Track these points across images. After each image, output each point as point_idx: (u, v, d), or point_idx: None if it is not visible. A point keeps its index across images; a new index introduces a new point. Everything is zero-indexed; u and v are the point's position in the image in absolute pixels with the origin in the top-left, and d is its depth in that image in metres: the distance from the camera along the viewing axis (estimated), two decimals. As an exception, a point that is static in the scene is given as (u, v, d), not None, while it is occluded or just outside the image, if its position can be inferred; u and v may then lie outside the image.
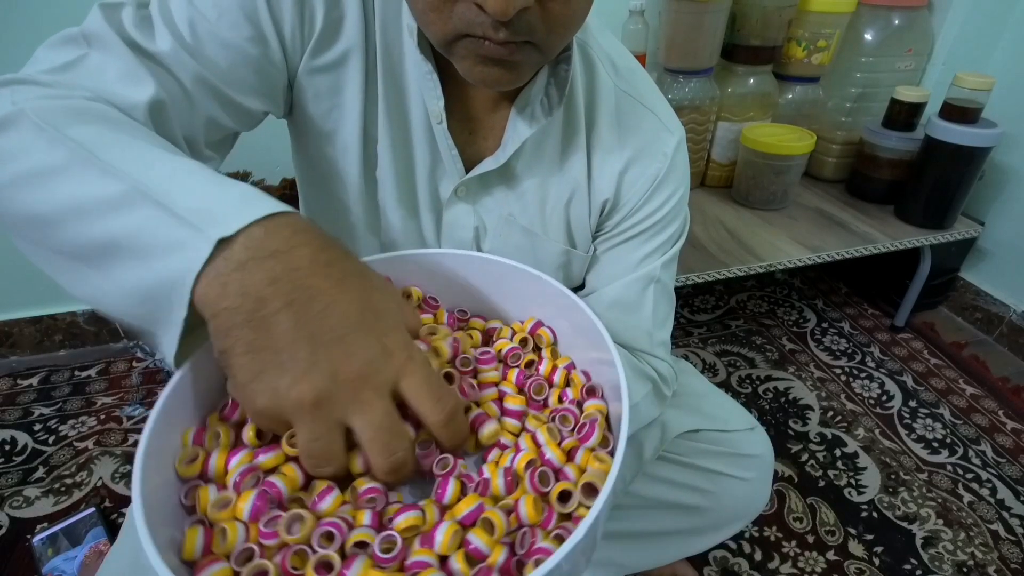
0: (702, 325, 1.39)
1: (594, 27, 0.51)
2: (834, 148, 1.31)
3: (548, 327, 0.41)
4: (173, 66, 0.38)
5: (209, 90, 0.40)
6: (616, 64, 0.51)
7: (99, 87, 0.35)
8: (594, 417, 0.34)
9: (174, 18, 0.38)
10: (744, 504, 0.68)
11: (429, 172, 0.49)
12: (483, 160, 0.48)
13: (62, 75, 0.35)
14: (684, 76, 1.14)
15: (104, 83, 0.35)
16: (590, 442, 0.33)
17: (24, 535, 0.87)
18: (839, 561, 0.88)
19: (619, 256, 0.54)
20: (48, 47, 0.37)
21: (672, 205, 0.52)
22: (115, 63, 0.36)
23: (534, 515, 0.30)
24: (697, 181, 1.30)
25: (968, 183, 1.13)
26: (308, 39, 0.43)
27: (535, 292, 0.40)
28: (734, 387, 1.20)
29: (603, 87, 0.50)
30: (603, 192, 0.52)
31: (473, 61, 0.37)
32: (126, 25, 0.37)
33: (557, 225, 0.53)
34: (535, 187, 0.51)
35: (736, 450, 0.65)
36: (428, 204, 0.51)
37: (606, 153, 0.50)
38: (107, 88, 0.35)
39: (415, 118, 0.47)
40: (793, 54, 1.19)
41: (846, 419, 1.13)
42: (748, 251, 1.07)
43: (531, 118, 0.46)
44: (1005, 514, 0.96)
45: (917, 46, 1.21)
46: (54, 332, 1.21)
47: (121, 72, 0.36)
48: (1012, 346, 1.31)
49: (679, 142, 0.52)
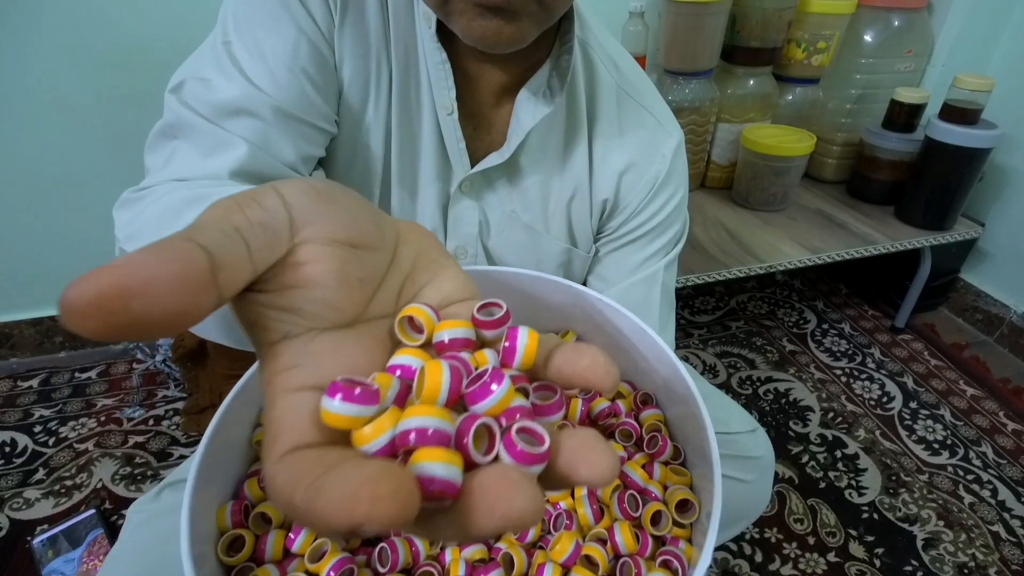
0: (702, 326, 1.39)
1: (595, 27, 0.51)
2: (834, 149, 1.31)
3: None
4: (250, 106, 0.40)
5: (288, 117, 0.41)
6: (617, 64, 0.51)
7: (188, 173, 0.39)
8: (656, 427, 0.32)
9: (238, 59, 0.40)
10: (745, 506, 0.67)
11: (435, 167, 0.49)
12: (488, 155, 0.48)
13: (161, 175, 0.39)
14: (684, 77, 1.14)
15: (192, 169, 0.39)
16: (664, 455, 0.31)
17: (24, 537, 0.87)
18: (840, 563, 0.88)
19: (621, 258, 0.54)
20: (148, 151, 0.42)
21: (672, 208, 0.52)
22: (196, 145, 0.40)
23: (632, 544, 0.28)
24: (697, 182, 1.30)
25: (968, 184, 1.13)
26: (335, 20, 0.43)
27: (572, 304, 0.37)
28: (734, 388, 1.20)
29: (604, 84, 0.50)
30: (603, 191, 0.52)
31: (471, 15, 0.37)
32: (197, 97, 0.40)
33: (559, 223, 0.53)
34: (538, 184, 0.51)
35: (737, 452, 0.64)
36: (434, 199, 0.51)
37: (607, 150, 0.51)
38: (194, 172, 0.39)
39: (425, 112, 0.47)
40: (793, 55, 1.19)
41: (847, 420, 1.13)
42: (748, 252, 1.07)
43: (534, 109, 0.46)
44: (1006, 515, 0.96)
45: (917, 47, 1.21)
46: (54, 334, 1.21)
47: (202, 152, 0.39)
48: (1013, 347, 1.31)
49: (678, 144, 0.52)
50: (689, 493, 0.29)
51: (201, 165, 0.39)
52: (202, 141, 0.39)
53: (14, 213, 1.07)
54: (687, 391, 0.30)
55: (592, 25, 0.51)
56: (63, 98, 0.98)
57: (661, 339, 0.33)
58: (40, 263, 1.13)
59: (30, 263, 1.13)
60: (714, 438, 0.28)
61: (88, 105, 1.00)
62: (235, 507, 0.29)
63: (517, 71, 0.46)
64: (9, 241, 1.09)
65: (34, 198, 1.06)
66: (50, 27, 0.92)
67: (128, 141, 1.02)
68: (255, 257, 0.17)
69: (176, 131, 0.40)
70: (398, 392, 0.18)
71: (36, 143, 1.01)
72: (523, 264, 0.55)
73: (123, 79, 0.99)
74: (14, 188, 1.04)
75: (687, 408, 0.31)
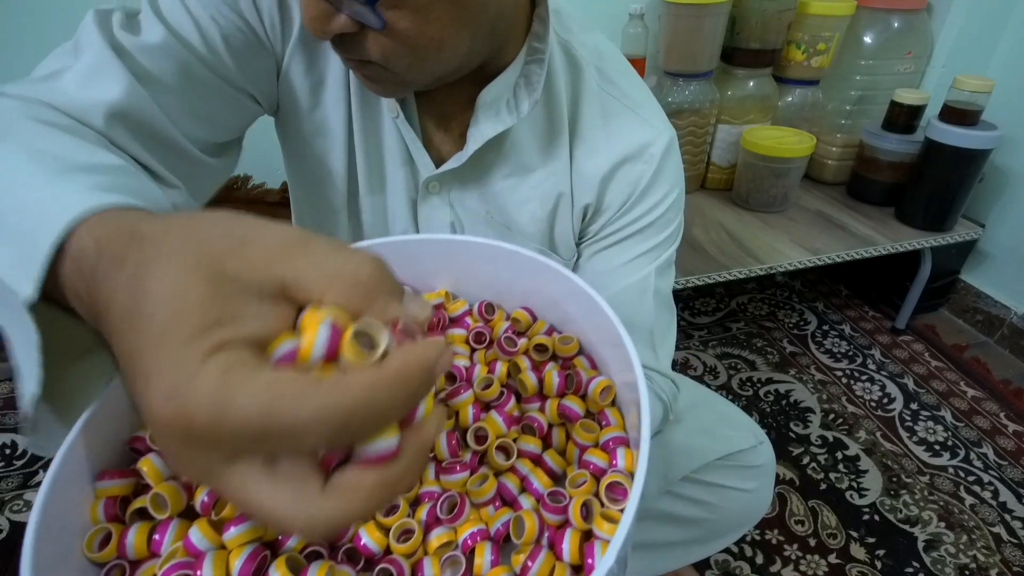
0: (702, 328, 1.39)
1: (578, 27, 0.50)
2: (834, 151, 1.31)
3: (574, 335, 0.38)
4: (163, 57, 0.38)
5: (200, 79, 0.40)
6: (601, 65, 0.49)
7: (57, 97, 0.34)
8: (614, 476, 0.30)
9: (162, 10, 0.38)
10: (746, 513, 0.67)
11: (403, 164, 0.49)
12: (453, 156, 0.47)
13: (35, 86, 0.34)
14: (684, 79, 1.14)
15: (66, 97, 0.34)
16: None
17: (24, 539, 0.87)
18: (841, 564, 0.88)
19: (606, 259, 0.52)
20: (51, 57, 0.37)
21: (664, 209, 0.50)
22: (82, 69, 0.35)
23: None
24: (697, 184, 1.30)
25: (968, 185, 1.14)
26: (289, 34, 0.43)
27: (558, 289, 0.37)
28: (735, 390, 1.20)
29: (587, 86, 0.49)
30: (585, 196, 0.50)
31: (354, 67, 0.38)
32: (114, 28, 0.37)
33: (538, 228, 0.51)
34: (513, 187, 0.50)
35: (740, 463, 0.63)
36: (403, 196, 0.50)
37: (590, 154, 0.49)
38: (66, 95, 0.34)
39: (386, 111, 0.47)
40: (793, 57, 1.19)
41: (847, 422, 1.13)
42: (748, 253, 1.07)
43: (495, 117, 0.45)
44: (1007, 517, 0.95)
45: (916, 49, 1.22)
46: (55, 336, 1.21)
47: (82, 78, 0.35)
48: (1013, 348, 1.31)
49: (667, 144, 0.49)
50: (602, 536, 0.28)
51: (74, 94, 0.34)
52: (89, 66, 0.35)
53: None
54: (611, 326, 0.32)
55: (575, 25, 0.49)
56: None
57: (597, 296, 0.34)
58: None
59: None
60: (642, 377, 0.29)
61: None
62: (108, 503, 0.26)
63: (475, 80, 0.44)
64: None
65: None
66: (51, 28, 0.92)
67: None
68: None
69: (80, 51, 0.36)
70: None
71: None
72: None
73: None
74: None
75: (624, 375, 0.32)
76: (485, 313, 0.39)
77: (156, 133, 0.38)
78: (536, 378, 0.36)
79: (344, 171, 0.49)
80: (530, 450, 0.33)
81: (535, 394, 0.36)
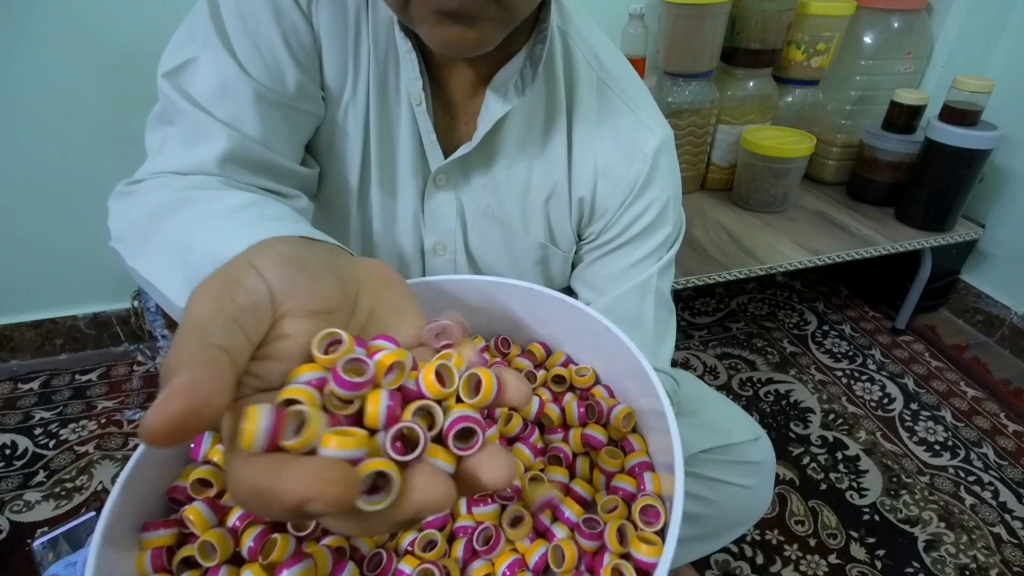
0: (702, 328, 1.39)
1: (580, 23, 0.50)
2: (834, 151, 1.31)
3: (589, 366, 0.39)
4: (234, 90, 0.41)
5: (271, 101, 0.42)
6: (599, 56, 0.49)
7: (176, 166, 0.40)
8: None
9: (227, 34, 0.41)
10: (746, 511, 0.67)
11: (413, 158, 0.49)
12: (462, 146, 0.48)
13: (154, 163, 0.41)
14: (684, 79, 1.14)
15: (178, 161, 0.40)
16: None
17: (24, 539, 0.87)
18: (841, 564, 0.88)
19: (608, 264, 0.52)
20: (147, 132, 0.43)
21: (659, 210, 0.50)
22: (182, 133, 0.40)
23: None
24: (697, 184, 1.30)
25: (968, 185, 1.14)
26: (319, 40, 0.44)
27: (572, 322, 0.38)
28: (735, 390, 1.20)
29: (583, 75, 0.49)
30: (581, 188, 0.50)
31: (432, 22, 0.36)
32: (186, 80, 0.40)
33: (537, 219, 0.52)
34: (516, 177, 0.50)
35: (738, 458, 0.63)
36: (413, 191, 0.50)
37: (586, 144, 0.49)
38: (181, 164, 0.40)
39: (403, 102, 0.47)
40: (793, 57, 1.19)
41: (847, 422, 1.13)
42: (748, 254, 1.07)
43: (504, 99, 0.45)
44: (1007, 517, 0.95)
45: (916, 49, 1.22)
46: (55, 336, 1.21)
47: (185, 142, 0.40)
48: (1013, 348, 1.31)
49: (662, 143, 0.49)
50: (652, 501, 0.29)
51: (184, 156, 0.40)
52: (187, 129, 0.40)
53: (15, 216, 1.07)
54: (645, 380, 0.32)
55: (574, 16, 0.50)
56: (64, 101, 0.98)
57: (635, 347, 0.34)
58: (41, 266, 1.13)
59: (31, 266, 1.13)
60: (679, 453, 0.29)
61: (89, 109, 1.00)
62: (155, 553, 0.27)
63: (491, 62, 0.45)
64: (9, 243, 1.09)
65: (35, 201, 1.06)
66: (51, 29, 0.92)
67: (129, 144, 1.02)
68: (251, 339, 0.21)
69: (169, 115, 0.41)
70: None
71: (36, 146, 1.01)
72: (499, 261, 0.54)
73: (124, 82, 0.99)
74: (15, 191, 1.04)
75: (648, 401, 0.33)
76: (501, 347, 0.41)
77: (260, 163, 0.42)
78: (558, 409, 0.37)
79: (358, 169, 0.49)
80: (559, 480, 0.34)
81: (558, 425, 0.37)
